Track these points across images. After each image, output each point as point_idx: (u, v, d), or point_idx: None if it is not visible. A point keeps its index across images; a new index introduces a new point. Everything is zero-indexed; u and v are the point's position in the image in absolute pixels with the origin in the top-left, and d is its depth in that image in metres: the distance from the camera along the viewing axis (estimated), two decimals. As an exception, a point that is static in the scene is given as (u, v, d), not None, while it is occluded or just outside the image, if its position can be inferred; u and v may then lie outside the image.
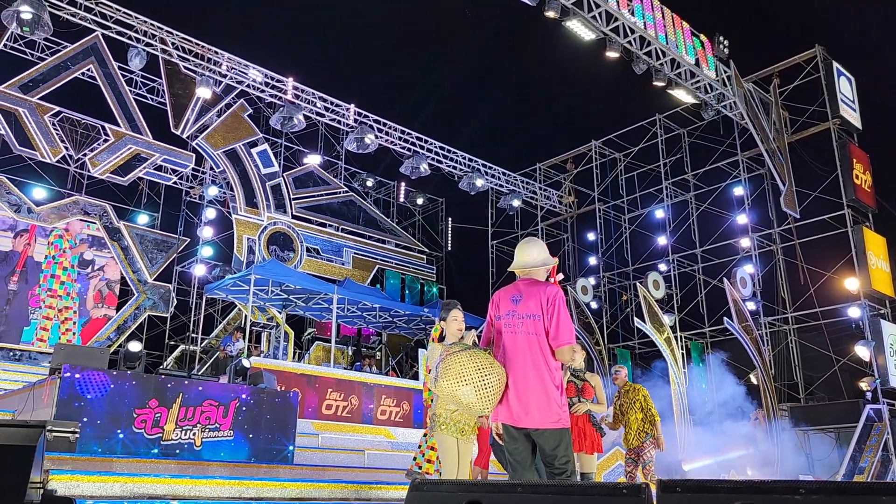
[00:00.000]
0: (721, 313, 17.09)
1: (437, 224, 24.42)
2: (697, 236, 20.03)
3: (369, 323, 18.24)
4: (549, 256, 4.09)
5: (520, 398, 3.80)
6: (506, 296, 4.01)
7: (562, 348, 3.82)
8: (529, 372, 3.81)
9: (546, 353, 3.82)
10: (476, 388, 3.75)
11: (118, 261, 16.51)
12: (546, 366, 3.81)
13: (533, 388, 3.80)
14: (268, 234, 17.77)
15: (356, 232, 20.21)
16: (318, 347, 18.71)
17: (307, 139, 20.08)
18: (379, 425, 12.24)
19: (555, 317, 3.82)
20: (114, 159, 15.97)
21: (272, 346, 17.11)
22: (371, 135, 17.77)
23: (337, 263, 19.36)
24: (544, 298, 3.86)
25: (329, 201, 19.64)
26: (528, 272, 4.06)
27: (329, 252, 19.26)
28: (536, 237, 4.24)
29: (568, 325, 3.83)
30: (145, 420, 7.32)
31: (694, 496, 2.06)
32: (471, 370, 3.77)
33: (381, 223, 21.07)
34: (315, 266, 18.68)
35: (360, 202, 20.55)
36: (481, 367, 3.78)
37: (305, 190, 19.11)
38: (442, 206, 24.50)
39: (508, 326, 3.91)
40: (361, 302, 16.24)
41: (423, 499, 2.38)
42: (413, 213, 24.33)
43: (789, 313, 17.95)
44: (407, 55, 26.74)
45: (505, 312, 3.95)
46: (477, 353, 3.85)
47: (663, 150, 20.72)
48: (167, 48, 15.91)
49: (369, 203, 21.37)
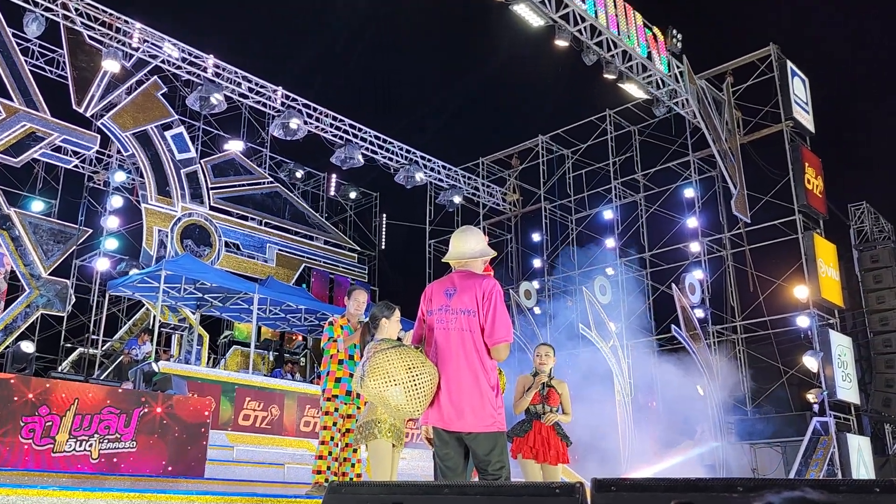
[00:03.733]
0: (668, 321, 17.50)
1: (370, 220, 24.33)
2: (646, 239, 20.48)
3: (293, 326, 18.14)
4: (487, 247, 4.12)
5: (452, 399, 3.82)
6: (439, 289, 4.02)
7: (498, 346, 3.85)
8: (463, 371, 3.83)
9: (481, 352, 3.84)
10: (406, 389, 3.76)
11: (7, 252, 15.82)
12: (481, 365, 3.84)
13: (466, 388, 3.82)
14: (182, 227, 17.48)
15: (281, 227, 20.02)
16: (236, 352, 18.56)
17: (228, 123, 19.83)
18: (302, 437, 12.10)
19: (491, 312, 3.83)
20: (5, 137, 15.31)
21: (184, 350, 16.83)
22: (298, 119, 17.54)
23: (259, 260, 19.20)
24: (480, 292, 3.88)
25: (252, 192, 19.44)
26: (465, 264, 4.08)
27: (250, 248, 19.09)
28: (473, 227, 4.25)
29: (505, 321, 3.86)
30: (34, 429, 7.05)
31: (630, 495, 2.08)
32: (400, 369, 3.77)
33: (310, 218, 20.90)
34: (234, 263, 18.50)
35: (286, 194, 20.35)
36: (411, 366, 3.78)
37: (225, 179, 18.90)
38: (376, 201, 24.42)
39: (441, 322, 3.92)
40: (285, 303, 16.14)
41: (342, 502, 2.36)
42: (344, 207, 24.22)
43: (738, 321, 18.52)
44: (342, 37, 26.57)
45: (437, 307, 3.96)
46: (407, 351, 3.85)
47: (613, 147, 21.13)
48: (69, 14, 15.35)
49: (296, 195, 21.14)
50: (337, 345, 6.40)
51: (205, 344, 17.04)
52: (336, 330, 6.47)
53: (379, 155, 19.66)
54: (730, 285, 18.78)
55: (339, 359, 6.44)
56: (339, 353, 6.42)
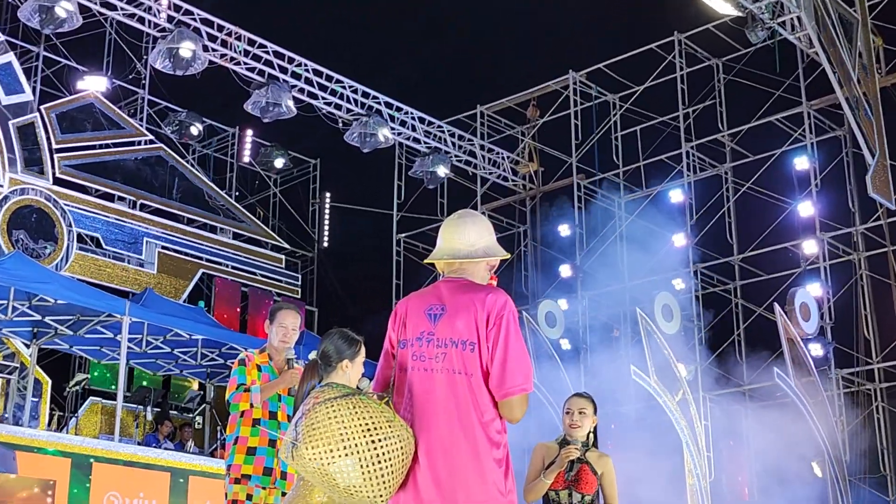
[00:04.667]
0: (769, 361, 17.40)
1: (306, 203, 24.27)
2: (735, 235, 20.40)
3: (184, 367, 18.18)
4: (495, 243, 4.19)
5: (437, 480, 3.85)
6: (418, 307, 4.07)
7: (510, 399, 3.86)
8: (455, 437, 3.86)
9: (483, 407, 3.87)
10: (363, 463, 3.77)
11: None
12: (482, 428, 3.87)
13: (460, 464, 3.84)
14: (9, 211, 17.46)
15: (167, 211, 19.85)
16: (95, 407, 18.57)
17: (84, 49, 19.79)
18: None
19: (501, 344, 3.86)
20: None
21: (12, 405, 16.66)
22: (193, 44, 17.34)
23: (132, 264, 19.24)
24: (483, 313, 3.90)
25: (121, 157, 19.33)
26: (460, 267, 4.12)
27: (118, 244, 19.09)
28: (474, 212, 4.40)
29: (522, 358, 3.89)
30: None
31: None
32: (355, 431, 3.79)
33: (212, 198, 20.84)
34: (93, 267, 18.53)
35: (174, 162, 20.24)
36: (373, 428, 3.80)
37: (79, 136, 18.88)
38: (315, 173, 24.34)
39: (421, 360, 3.96)
40: (172, 330, 16.19)
41: None
42: (266, 182, 24.13)
43: (875, 363, 18.46)
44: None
45: (415, 335, 4.00)
46: (366, 404, 3.88)
47: (684, 92, 21.03)
48: None
49: (191, 163, 20.99)
50: (251, 396, 6.42)
51: (45, 394, 16.95)
52: (250, 373, 6.52)
53: (320, 100, 19.50)
54: (864, 307, 18.75)
55: (253, 418, 6.46)
56: (256, 408, 6.44)
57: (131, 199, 19.45)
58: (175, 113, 21.64)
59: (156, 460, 13.37)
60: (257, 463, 6.36)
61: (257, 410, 6.43)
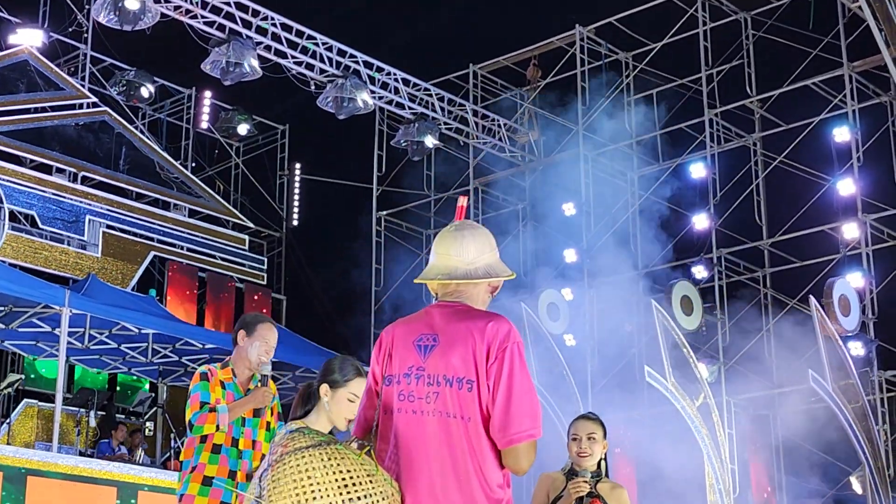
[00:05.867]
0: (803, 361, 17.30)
1: (273, 176, 24.40)
2: (764, 216, 20.28)
3: (134, 365, 18.36)
4: (498, 261, 4.19)
5: None
6: (406, 336, 4.07)
7: (516, 447, 3.82)
8: (450, 492, 3.86)
9: (482, 456, 3.87)
10: None
11: None
12: (481, 481, 3.86)
13: None
14: (-72, 184, 17.85)
15: (113, 185, 20.04)
16: (30, 411, 18.59)
17: None
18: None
19: (504, 383, 3.84)
20: None
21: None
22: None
23: (73, 246, 19.41)
24: (483, 345, 3.89)
25: (59, 123, 19.48)
26: (456, 289, 4.12)
27: (57, 223, 19.22)
28: (475, 223, 4.38)
29: (529, 399, 3.85)
30: None
31: None
32: (329, 488, 3.78)
33: (165, 170, 20.93)
34: (27, 250, 18.76)
35: (121, 128, 20.37)
36: (350, 483, 3.79)
37: (11, 98, 19.09)
38: (284, 141, 24.53)
39: (409, 399, 3.97)
40: (119, 324, 16.33)
41: None
42: (228, 152, 24.24)
43: (925, 365, 18.46)
44: None
45: (403, 370, 4.01)
46: (342, 455, 3.86)
47: (707, 51, 20.88)
48: None
49: (141, 130, 21.10)
50: (217, 417, 6.45)
51: (-28, 397, 17.12)
52: (213, 390, 6.56)
53: (290, 60, 19.41)
54: (912, 300, 18.68)
55: (214, 443, 6.51)
56: (220, 432, 6.47)
57: (71, 172, 19.57)
58: (122, 72, 21.67)
59: (101, 473, 13.47)
60: (213, 495, 6.38)
61: (220, 435, 6.46)
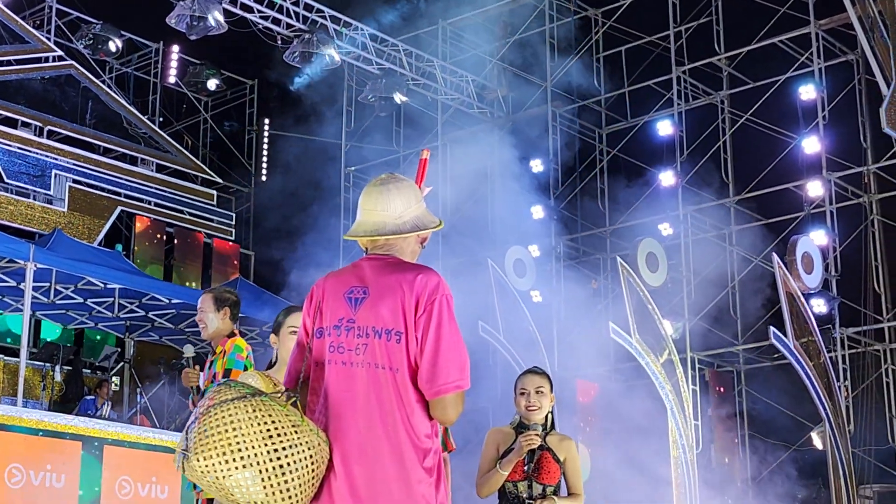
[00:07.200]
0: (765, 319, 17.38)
1: (241, 132, 24.41)
2: (731, 174, 20.37)
3: (100, 320, 18.37)
4: (425, 212, 4.19)
5: (355, 491, 3.83)
6: (337, 288, 4.05)
7: (444, 397, 3.82)
8: (378, 441, 3.85)
9: (409, 407, 3.86)
10: (264, 475, 3.70)
11: None
12: (408, 431, 3.86)
13: (381, 472, 3.83)
14: None
15: (79, 140, 19.97)
16: None
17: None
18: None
19: (432, 334, 3.83)
20: None
21: None
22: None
23: (39, 200, 19.39)
24: (411, 297, 3.88)
25: (24, 76, 19.40)
26: (385, 242, 4.11)
27: (22, 177, 19.17)
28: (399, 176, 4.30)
29: (457, 351, 3.84)
30: None
31: None
32: (254, 440, 3.71)
33: (132, 125, 20.87)
34: None
35: (87, 82, 20.25)
36: (275, 434, 3.72)
37: None
38: (252, 96, 24.45)
39: (339, 351, 3.95)
40: (85, 278, 16.27)
41: None
42: (196, 107, 24.14)
43: (886, 322, 18.61)
44: None
45: (333, 322, 3.99)
46: (268, 406, 3.77)
47: (676, 8, 20.91)
48: None
49: (108, 84, 20.99)
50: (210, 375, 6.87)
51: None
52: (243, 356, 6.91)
53: (256, 14, 19.29)
54: (874, 257, 18.85)
55: None
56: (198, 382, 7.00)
57: (37, 126, 19.49)
58: (89, 25, 21.53)
59: (65, 427, 13.29)
60: None
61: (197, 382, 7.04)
